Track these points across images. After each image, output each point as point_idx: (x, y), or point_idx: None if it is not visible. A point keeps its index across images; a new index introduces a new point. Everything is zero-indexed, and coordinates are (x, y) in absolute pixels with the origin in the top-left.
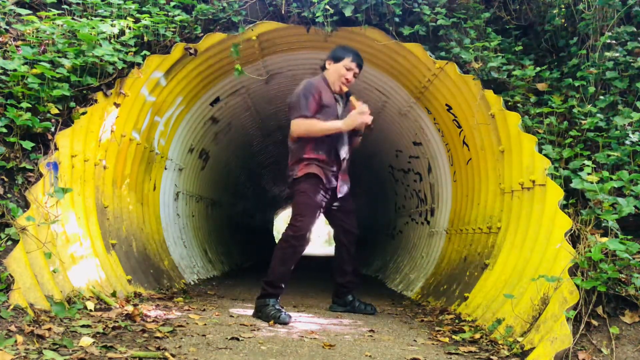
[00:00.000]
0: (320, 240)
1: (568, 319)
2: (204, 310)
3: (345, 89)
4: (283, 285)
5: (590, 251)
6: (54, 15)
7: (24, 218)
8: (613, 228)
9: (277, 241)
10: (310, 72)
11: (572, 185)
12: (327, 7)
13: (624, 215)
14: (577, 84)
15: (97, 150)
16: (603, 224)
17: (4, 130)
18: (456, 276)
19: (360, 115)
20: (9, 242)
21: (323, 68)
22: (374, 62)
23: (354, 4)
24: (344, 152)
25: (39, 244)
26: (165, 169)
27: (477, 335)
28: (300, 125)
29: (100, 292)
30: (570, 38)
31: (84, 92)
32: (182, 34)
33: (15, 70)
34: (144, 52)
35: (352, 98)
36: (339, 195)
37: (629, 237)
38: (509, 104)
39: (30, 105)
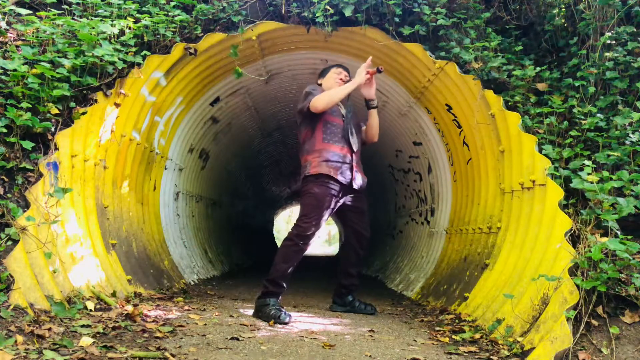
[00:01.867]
0: (320, 240)
1: (568, 319)
2: (204, 310)
3: None
4: (284, 284)
5: (590, 251)
6: (54, 15)
7: (24, 218)
8: (613, 228)
9: (277, 241)
10: (310, 72)
11: (572, 185)
12: (327, 7)
13: (624, 215)
14: (577, 84)
15: (97, 150)
16: (603, 224)
17: (4, 130)
18: (456, 276)
19: (365, 69)
20: (9, 242)
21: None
22: (374, 61)
23: (354, 4)
24: (354, 142)
25: (39, 244)
26: (165, 168)
27: (477, 335)
28: (319, 99)
29: (100, 292)
30: (570, 38)
31: (84, 92)
32: (182, 34)
33: (15, 70)
34: (144, 52)
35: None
36: (355, 187)
37: (629, 237)
38: (509, 104)
39: (30, 105)
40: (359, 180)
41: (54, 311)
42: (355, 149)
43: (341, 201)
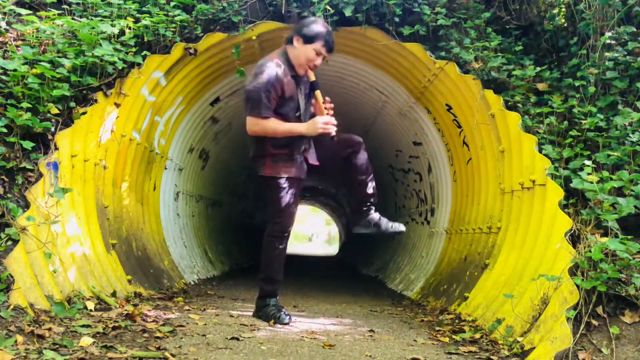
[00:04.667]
0: (320, 240)
1: (568, 319)
2: (204, 310)
3: (311, 75)
4: (279, 280)
5: (590, 251)
6: (54, 15)
7: (24, 218)
8: (613, 228)
9: None
10: None
11: (572, 185)
12: (327, 7)
13: (624, 215)
14: (577, 84)
15: (97, 150)
16: (603, 224)
17: (4, 130)
18: (456, 276)
19: (324, 126)
20: (9, 242)
21: (289, 41)
22: (374, 62)
23: (354, 4)
24: (304, 143)
25: (39, 244)
26: (165, 168)
27: (477, 335)
28: (258, 125)
29: (100, 292)
30: (571, 38)
31: (84, 92)
32: (182, 34)
33: (15, 70)
34: (144, 52)
35: (317, 93)
36: (310, 162)
37: (629, 237)
38: (509, 104)
39: (30, 105)
40: (312, 157)
41: (54, 311)
42: (304, 148)
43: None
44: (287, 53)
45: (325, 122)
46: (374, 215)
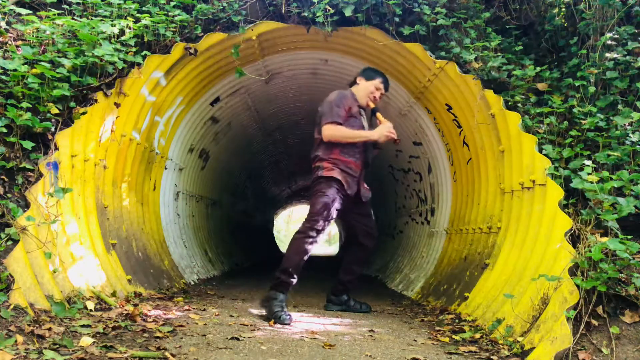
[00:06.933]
0: (320, 240)
1: (568, 319)
2: (204, 310)
3: (372, 105)
4: (295, 276)
5: (590, 251)
6: (54, 15)
7: (24, 218)
8: (613, 228)
9: (277, 241)
10: (310, 72)
11: (572, 185)
12: (327, 7)
13: (624, 215)
14: (577, 83)
15: (97, 150)
16: (603, 224)
17: (4, 130)
18: (456, 276)
19: (389, 130)
20: (9, 242)
21: (352, 83)
22: (374, 62)
23: (354, 3)
24: (370, 159)
25: (39, 243)
26: (165, 168)
27: (477, 335)
28: (333, 130)
29: (101, 292)
30: (571, 38)
31: (84, 92)
32: (182, 34)
33: (15, 70)
34: (144, 52)
35: (378, 114)
36: (363, 200)
37: (629, 237)
38: (509, 103)
39: (30, 105)
40: (365, 194)
41: (54, 311)
42: (368, 166)
43: (348, 205)
44: (352, 90)
45: (389, 129)
46: (345, 297)
